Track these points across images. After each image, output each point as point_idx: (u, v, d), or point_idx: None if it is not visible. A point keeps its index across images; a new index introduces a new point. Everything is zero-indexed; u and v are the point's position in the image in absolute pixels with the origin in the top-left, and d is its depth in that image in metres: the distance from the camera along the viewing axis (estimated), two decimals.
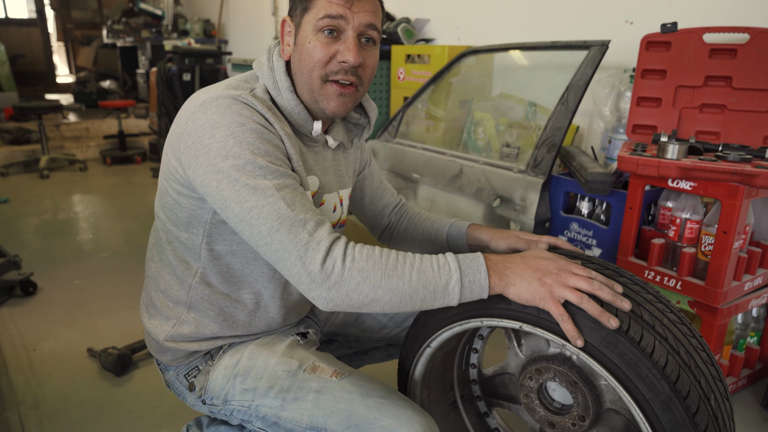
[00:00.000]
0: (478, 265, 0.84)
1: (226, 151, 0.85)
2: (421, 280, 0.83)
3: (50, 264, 2.76)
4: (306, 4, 0.93)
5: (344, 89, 0.95)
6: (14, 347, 1.99)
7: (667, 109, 1.71)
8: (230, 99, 0.89)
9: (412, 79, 2.95)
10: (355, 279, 0.81)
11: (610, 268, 0.93)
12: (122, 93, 8.00)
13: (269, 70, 0.98)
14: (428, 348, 1.00)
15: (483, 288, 0.83)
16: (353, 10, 0.91)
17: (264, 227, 0.82)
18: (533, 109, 2.27)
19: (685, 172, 1.37)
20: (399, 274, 0.82)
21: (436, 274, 0.83)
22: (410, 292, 0.82)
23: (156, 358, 1.12)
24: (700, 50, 1.62)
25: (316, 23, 0.92)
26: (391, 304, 0.83)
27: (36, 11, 9.37)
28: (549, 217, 1.86)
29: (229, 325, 1.05)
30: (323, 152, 1.08)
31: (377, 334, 1.30)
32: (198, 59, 4.73)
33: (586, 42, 1.84)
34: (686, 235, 1.50)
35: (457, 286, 0.83)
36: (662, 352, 0.76)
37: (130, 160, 5.38)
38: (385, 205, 1.33)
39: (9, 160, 5.01)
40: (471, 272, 0.84)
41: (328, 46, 0.92)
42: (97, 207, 3.89)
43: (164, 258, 1.06)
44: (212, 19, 6.81)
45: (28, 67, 9.02)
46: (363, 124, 1.15)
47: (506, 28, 2.80)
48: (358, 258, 0.82)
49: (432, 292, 0.83)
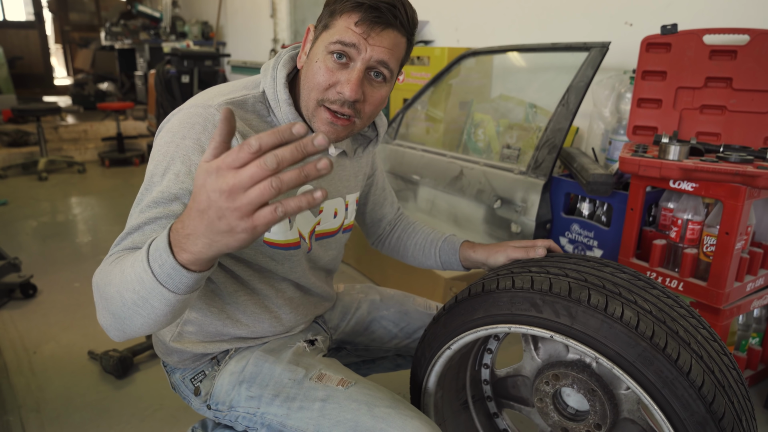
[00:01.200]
0: (162, 243, 0.65)
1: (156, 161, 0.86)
2: (122, 284, 0.69)
3: (50, 266, 2.75)
4: (328, 21, 0.90)
5: (337, 120, 0.90)
6: (15, 350, 1.98)
7: (667, 111, 1.72)
8: (201, 109, 0.88)
9: (411, 81, 2.95)
10: (98, 311, 0.76)
11: (642, 279, 0.91)
12: (120, 95, 7.99)
13: (272, 79, 0.96)
14: (448, 350, 0.99)
15: (176, 268, 0.64)
16: (369, 42, 0.87)
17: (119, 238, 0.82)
18: (533, 110, 2.27)
19: (687, 173, 1.38)
20: (108, 295, 0.72)
21: (131, 272, 0.68)
22: (121, 303, 0.70)
23: (162, 360, 1.12)
24: (701, 52, 1.63)
25: (329, 45, 0.88)
26: (121, 323, 0.72)
27: (34, 14, 9.36)
28: (550, 218, 1.86)
29: (233, 323, 1.04)
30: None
31: (387, 343, 1.29)
32: (196, 61, 4.73)
33: (587, 44, 1.84)
34: (688, 236, 1.51)
35: (147, 275, 0.65)
36: (699, 371, 0.74)
37: (129, 162, 5.37)
38: (384, 214, 1.34)
39: (7, 162, 4.99)
40: (157, 254, 0.65)
41: (333, 72, 0.88)
42: (95, 209, 3.89)
43: None
44: (210, 21, 6.80)
45: (26, 70, 9.00)
46: (370, 136, 1.13)
47: (506, 30, 2.81)
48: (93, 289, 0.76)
49: (134, 292, 0.68)
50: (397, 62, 0.92)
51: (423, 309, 1.30)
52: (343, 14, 0.87)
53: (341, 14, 0.87)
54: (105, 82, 8.26)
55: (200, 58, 4.79)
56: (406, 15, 0.90)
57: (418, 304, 1.31)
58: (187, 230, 0.62)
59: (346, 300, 1.31)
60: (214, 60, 4.89)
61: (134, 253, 0.72)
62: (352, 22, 0.86)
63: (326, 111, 0.90)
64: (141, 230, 0.80)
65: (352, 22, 0.86)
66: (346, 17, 0.87)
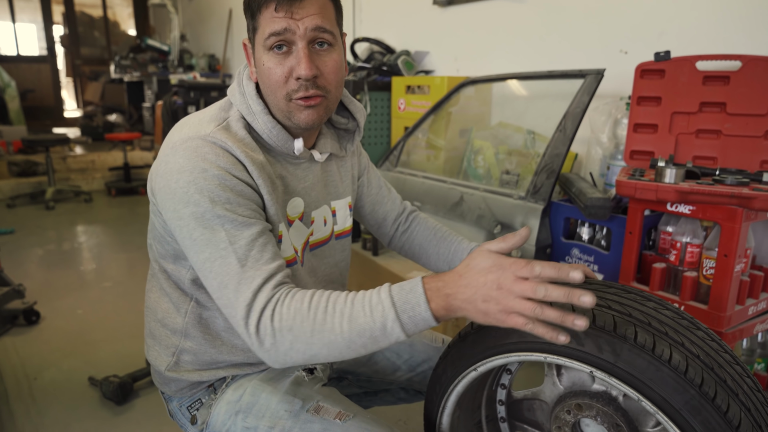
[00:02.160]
0: (416, 296, 0.77)
1: (187, 198, 0.84)
2: (354, 329, 0.77)
3: (53, 293, 2.77)
4: (254, 24, 0.91)
5: (310, 101, 0.91)
6: (16, 376, 1.98)
7: (663, 135, 1.74)
8: (199, 140, 0.88)
9: (412, 110, 3.00)
10: (287, 340, 0.79)
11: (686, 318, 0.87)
12: (128, 126, 8.12)
13: (241, 95, 0.96)
14: (474, 371, 0.94)
15: (426, 320, 0.76)
16: (296, 18, 0.87)
17: (215, 282, 0.83)
18: (532, 136, 2.30)
19: (683, 195, 1.39)
20: (329, 327, 0.78)
21: (369, 318, 0.77)
22: (346, 342, 0.78)
23: (160, 389, 1.11)
24: (694, 77, 1.66)
25: (264, 43, 0.89)
26: (334, 356, 0.80)
27: (47, 48, 9.61)
28: (550, 243, 1.87)
29: (228, 350, 1.03)
30: (311, 168, 1.05)
31: (389, 376, 1.25)
32: (203, 92, 4.83)
33: (582, 71, 1.88)
34: (687, 259, 1.51)
35: (396, 325, 0.76)
36: (748, 426, 0.71)
37: (135, 192, 5.43)
38: (387, 212, 1.28)
39: (16, 191, 5.07)
40: (408, 307, 0.76)
41: (281, 64, 0.89)
42: (100, 237, 3.92)
43: (160, 288, 1.05)
44: (217, 54, 6.96)
45: (38, 102, 9.19)
46: (352, 128, 1.12)
47: (503, 59, 2.87)
48: (285, 317, 0.79)
49: (370, 337, 0.78)
50: (332, 23, 0.92)
51: (429, 341, 1.25)
52: (261, 9, 0.88)
53: (260, 10, 0.89)
54: (113, 114, 8.42)
55: (206, 89, 4.89)
56: None
57: (424, 336, 1.26)
58: (447, 290, 0.76)
59: None
60: (219, 91, 4.99)
61: (352, 300, 0.80)
62: (272, 11, 0.87)
63: (297, 100, 0.91)
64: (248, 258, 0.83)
65: (272, 11, 0.87)
66: (265, 11, 0.88)
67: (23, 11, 9.56)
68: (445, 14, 3.23)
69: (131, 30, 10.92)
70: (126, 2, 10.86)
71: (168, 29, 7.68)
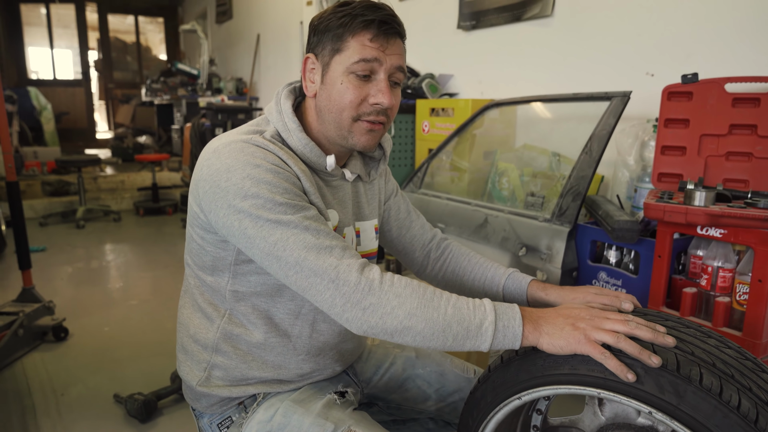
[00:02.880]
0: (513, 312, 0.84)
1: (244, 192, 0.86)
2: (456, 315, 0.82)
3: (82, 310, 2.82)
4: (337, 45, 0.94)
5: (374, 126, 0.98)
6: (43, 391, 2.01)
7: (692, 158, 1.71)
8: (242, 143, 0.92)
9: (436, 132, 3.02)
10: (391, 303, 0.82)
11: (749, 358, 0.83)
12: (157, 147, 8.33)
13: (278, 113, 1.00)
14: (518, 400, 0.90)
15: (516, 335, 0.82)
16: (386, 53, 0.94)
17: (291, 257, 0.84)
18: (557, 159, 2.29)
19: (714, 218, 1.36)
20: (435, 305, 0.83)
21: (471, 312, 0.83)
22: (444, 325, 0.82)
23: (191, 405, 1.12)
24: (723, 99, 1.64)
25: (350, 66, 0.93)
26: (423, 335, 0.82)
27: (81, 73, 9.97)
28: (576, 266, 1.84)
29: (258, 365, 1.03)
30: (342, 186, 1.08)
31: (420, 404, 1.24)
32: (230, 115, 4.94)
33: (608, 93, 1.87)
34: (719, 284, 1.47)
35: (491, 327, 0.82)
36: None
37: (162, 212, 5.54)
38: (414, 236, 1.28)
39: (48, 210, 5.22)
40: (506, 317, 0.83)
41: (360, 88, 0.94)
42: (128, 256, 3.99)
43: (194, 303, 1.07)
44: (245, 78, 7.13)
45: (71, 124, 9.51)
46: (378, 156, 1.16)
47: (528, 82, 2.88)
48: (396, 283, 0.84)
49: (465, 330, 0.82)
50: (404, 66, 1.00)
51: (460, 372, 1.24)
52: (354, 35, 0.93)
53: (353, 35, 0.93)
54: (143, 136, 8.65)
55: (233, 111, 5.00)
56: (401, 23, 0.98)
57: (456, 365, 1.25)
58: (540, 314, 0.85)
59: (380, 353, 1.26)
60: (246, 113, 5.10)
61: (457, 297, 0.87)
62: (366, 39, 0.93)
63: (363, 122, 0.97)
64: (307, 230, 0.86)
65: (367, 39, 0.93)
66: (359, 37, 0.93)
67: (61, 38, 9.97)
68: (470, 38, 3.26)
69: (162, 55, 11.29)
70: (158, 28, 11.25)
71: (198, 54, 7.91)
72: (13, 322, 2.29)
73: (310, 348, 1.05)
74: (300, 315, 1.03)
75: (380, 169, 1.16)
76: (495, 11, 3.02)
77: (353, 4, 0.95)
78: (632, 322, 0.79)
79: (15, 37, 9.32)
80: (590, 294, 1.00)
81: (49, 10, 9.64)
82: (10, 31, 9.12)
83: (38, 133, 7.43)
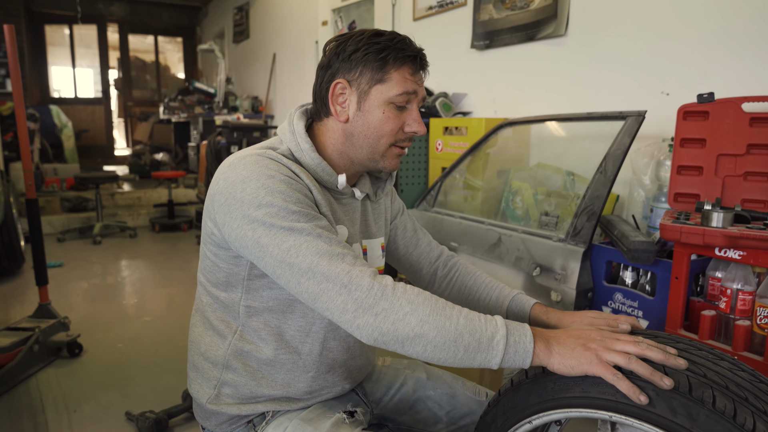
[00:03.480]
0: (524, 329, 0.83)
1: (258, 202, 0.88)
2: (468, 325, 0.82)
3: (96, 326, 2.84)
4: (381, 76, 0.99)
5: (403, 151, 1.05)
6: (56, 408, 2.02)
7: (709, 177, 1.69)
8: (257, 156, 0.95)
9: (449, 150, 3.02)
10: (404, 308, 0.82)
11: (764, 381, 0.80)
12: (174, 164, 8.44)
13: (291, 133, 1.03)
14: (528, 424, 0.89)
15: (527, 352, 0.81)
16: (419, 84, 1.02)
17: (304, 263, 0.85)
18: (571, 178, 2.27)
19: (732, 240, 1.33)
20: (447, 314, 0.83)
21: (482, 324, 0.83)
22: (456, 335, 0.81)
23: (201, 424, 1.12)
24: (740, 119, 1.62)
25: (393, 97, 0.99)
26: (435, 344, 0.81)
27: (102, 91, 10.19)
28: (591, 287, 1.81)
29: (268, 383, 1.04)
30: (352, 203, 1.11)
31: (430, 427, 1.22)
32: (245, 132, 4.99)
33: (622, 113, 1.86)
34: (739, 306, 1.44)
35: (502, 341, 0.81)
36: None
37: (177, 228, 5.59)
38: (421, 253, 1.30)
39: (66, 226, 5.29)
40: (517, 333, 0.82)
41: (398, 117, 1.01)
42: (143, 272, 4.03)
43: (205, 321, 1.08)
44: (260, 96, 7.23)
45: (91, 141, 9.69)
46: (384, 176, 1.19)
47: (542, 101, 2.88)
48: (409, 291, 0.84)
49: (477, 341, 0.81)
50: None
51: (472, 394, 1.23)
52: (398, 67, 0.99)
53: (396, 68, 0.99)
54: (161, 153, 8.78)
55: (249, 129, 5.05)
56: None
57: (467, 388, 1.24)
58: (551, 334, 0.84)
59: (391, 373, 1.26)
60: (261, 131, 5.15)
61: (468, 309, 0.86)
62: (408, 73, 0.99)
63: (397, 148, 1.04)
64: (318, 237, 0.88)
65: (408, 73, 0.99)
66: (402, 69, 0.99)
67: (83, 57, 10.22)
68: (483, 57, 3.28)
69: (180, 73, 11.50)
70: (177, 47, 11.48)
71: (215, 73, 8.04)
72: (28, 338, 2.32)
73: (320, 365, 1.06)
74: (311, 333, 1.03)
75: (387, 188, 1.19)
76: (509, 31, 3.03)
77: (387, 36, 1.00)
78: (643, 343, 0.79)
79: (39, 57, 9.57)
80: (588, 318, 1.01)
81: (72, 31, 9.90)
82: (34, 51, 9.37)
83: (59, 150, 7.57)
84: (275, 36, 6.66)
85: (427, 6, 3.72)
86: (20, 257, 3.80)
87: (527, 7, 2.90)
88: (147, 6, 10.26)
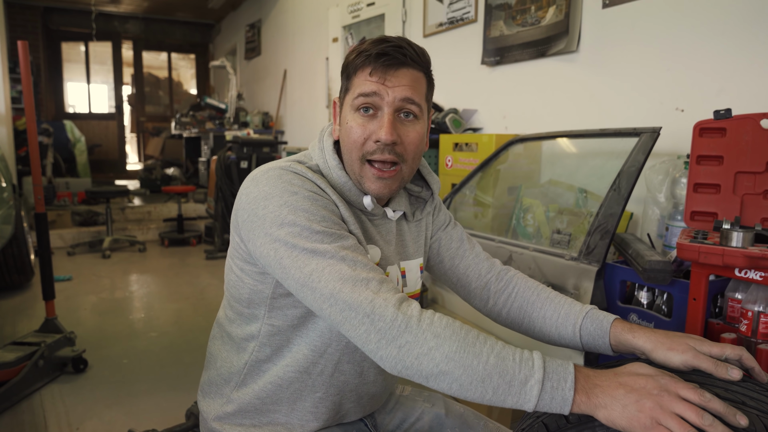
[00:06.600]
0: (565, 373, 0.74)
1: (281, 220, 0.85)
2: (499, 366, 0.74)
3: (102, 341, 2.82)
4: (347, 84, 0.96)
5: (383, 173, 0.93)
6: (59, 425, 1.99)
7: (727, 196, 1.65)
8: (280, 170, 0.91)
9: (459, 167, 3.00)
10: (428, 343, 0.76)
11: None
12: (184, 179, 8.49)
13: (320, 150, 1.00)
14: None
15: (566, 400, 0.72)
16: (387, 86, 0.90)
17: (326, 289, 0.80)
18: (584, 195, 2.23)
19: (754, 261, 1.29)
20: (476, 351, 0.75)
21: (516, 365, 0.74)
22: (484, 375, 0.74)
23: None
24: (759, 136, 1.58)
25: (353, 103, 0.93)
26: (460, 383, 0.75)
27: (115, 106, 10.33)
28: (605, 307, 1.77)
29: (273, 401, 1.00)
30: (386, 224, 1.05)
31: None
32: (255, 148, 5.01)
33: (636, 129, 1.83)
34: (761, 330, 1.38)
35: (536, 386, 0.73)
36: None
37: (186, 243, 5.60)
38: (468, 266, 1.16)
39: (76, 240, 5.32)
40: (556, 378, 0.73)
41: (364, 125, 0.92)
42: (151, 287, 4.02)
43: (225, 335, 1.06)
44: (271, 112, 7.28)
45: (103, 156, 9.81)
46: (425, 197, 1.12)
47: (553, 117, 2.85)
48: (437, 322, 0.78)
49: (507, 384, 0.74)
50: (422, 96, 0.94)
51: None
52: (357, 72, 0.93)
53: (356, 73, 0.93)
54: (171, 168, 8.84)
55: (259, 145, 5.07)
56: (414, 51, 0.93)
57: (489, 429, 1.15)
58: (598, 381, 0.73)
59: (408, 405, 1.19)
60: (271, 147, 5.17)
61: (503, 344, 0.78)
62: (366, 74, 0.91)
63: (371, 167, 0.93)
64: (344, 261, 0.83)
65: (367, 74, 0.91)
66: (360, 73, 0.92)
67: (97, 73, 10.39)
68: (494, 73, 3.27)
69: (193, 89, 11.64)
70: (190, 64, 11.64)
71: (226, 88, 8.12)
72: (34, 353, 2.30)
73: (329, 387, 1.01)
74: (325, 354, 0.99)
75: (426, 210, 1.12)
76: (519, 47, 3.02)
77: (368, 41, 0.94)
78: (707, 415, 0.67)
79: (55, 73, 9.75)
80: (689, 347, 0.82)
81: (87, 48, 10.08)
82: (51, 67, 9.54)
83: (71, 165, 7.65)
84: (286, 53, 6.71)
85: (438, 23, 3.72)
86: (30, 271, 3.81)
87: (538, 23, 2.89)
88: (161, 23, 10.43)
